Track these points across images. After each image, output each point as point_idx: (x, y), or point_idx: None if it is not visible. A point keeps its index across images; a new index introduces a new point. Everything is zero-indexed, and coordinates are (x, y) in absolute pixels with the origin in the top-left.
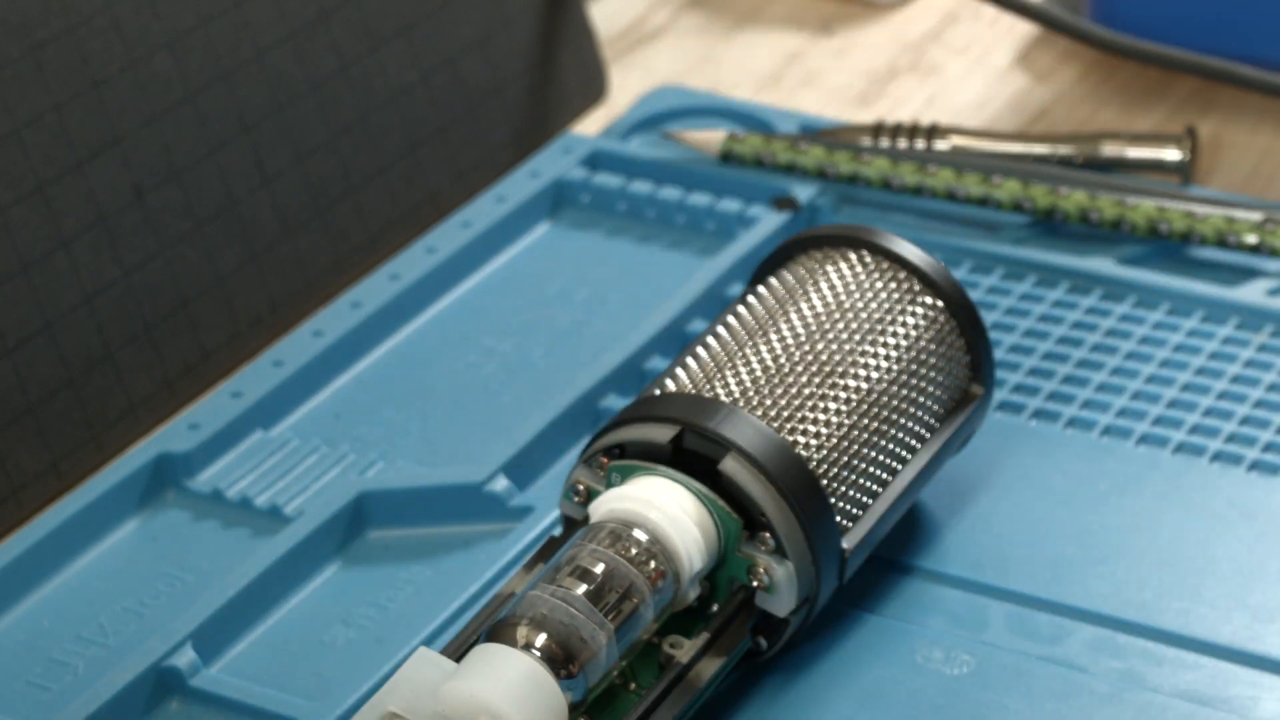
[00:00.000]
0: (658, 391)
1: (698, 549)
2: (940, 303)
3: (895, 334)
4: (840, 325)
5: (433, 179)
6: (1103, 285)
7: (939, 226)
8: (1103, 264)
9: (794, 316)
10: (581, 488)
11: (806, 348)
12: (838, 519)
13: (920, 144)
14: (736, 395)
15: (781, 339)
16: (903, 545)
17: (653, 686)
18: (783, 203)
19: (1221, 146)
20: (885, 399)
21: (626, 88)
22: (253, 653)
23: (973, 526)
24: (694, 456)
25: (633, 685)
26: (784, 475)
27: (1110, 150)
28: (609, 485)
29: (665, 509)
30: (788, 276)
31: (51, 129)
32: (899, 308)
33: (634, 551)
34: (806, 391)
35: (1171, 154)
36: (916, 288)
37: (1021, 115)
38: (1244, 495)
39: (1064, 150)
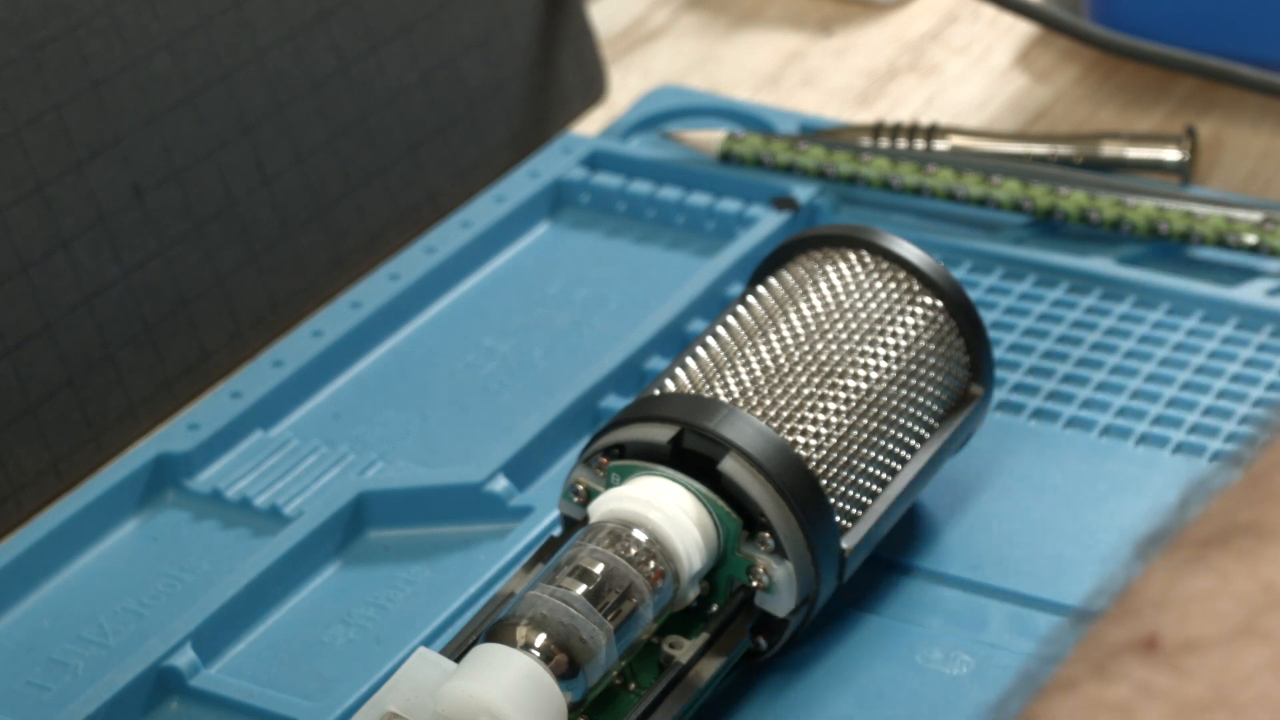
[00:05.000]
0: (657, 391)
1: (697, 549)
2: (940, 303)
3: (895, 334)
4: (840, 325)
5: (433, 179)
6: (1102, 285)
7: (939, 226)
8: (1102, 264)
9: (794, 316)
10: (581, 488)
11: (806, 348)
12: (837, 519)
13: (920, 144)
14: (736, 395)
15: (781, 339)
16: (903, 545)
17: (652, 686)
18: (782, 203)
19: (1221, 146)
20: (885, 399)
21: (626, 88)
22: (253, 653)
23: (972, 526)
24: (694, 456)
25: (632, 685)
26: (784, 475)
27: (1110, 150)
28: (608, 485)
29: (665, 509)
30: (787, 276)
31: (51, 129)
32: (899, 308)
33: (633, 552)
34: (806, 391)
35: (1171, 154)
36: (916, 288)
37: (1021, 115)
38: None
39: (1064, 150)
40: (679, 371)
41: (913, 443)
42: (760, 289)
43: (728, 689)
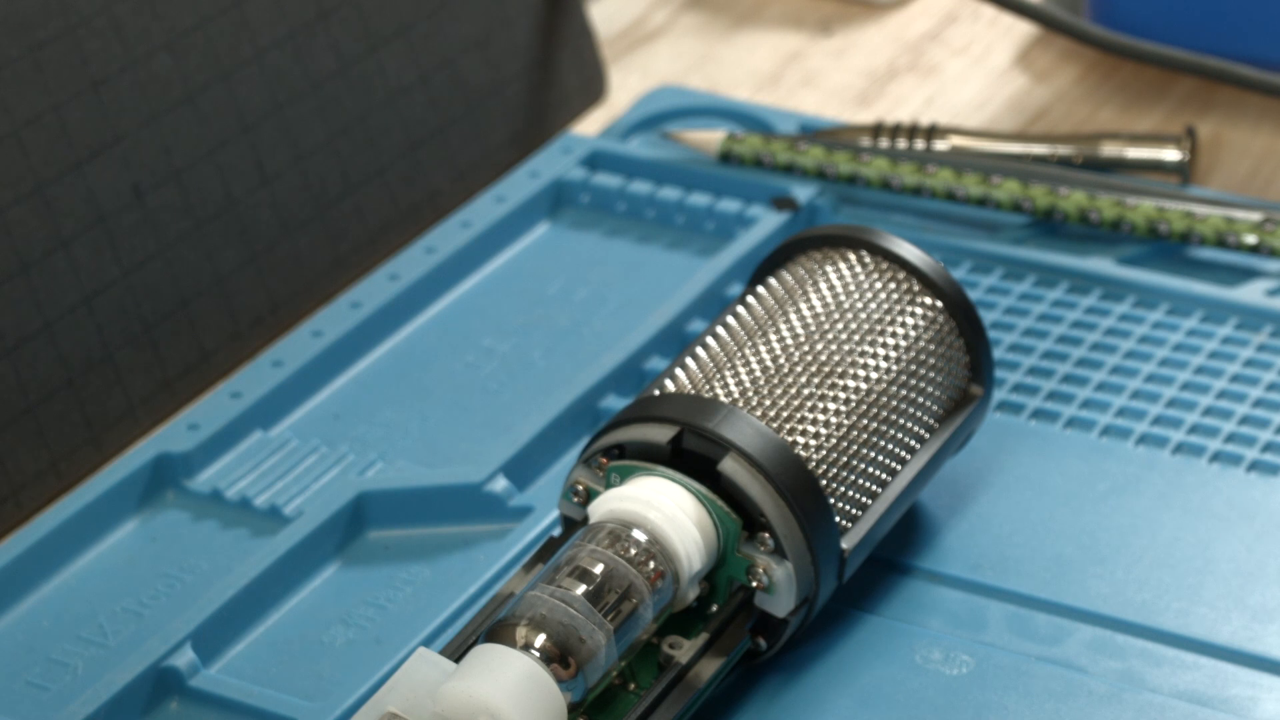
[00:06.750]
0: (657, 391)
1: (697, 549)
2: (939, 303)
3: (895, 334)
4: (840, 325)
5: (433, 179)
6: (1102, 285)
7: (939, 226)
8: (1102, 264)
9: (793, 317)
10: (581, 488)
11: (806, 348)
12: (837, 519)
13: (920, 144)
14: (736, 395)
15: (781, 339)
16: (902, 545)
17: (652, 687)
18: (782, 203)
19: (1221, 146)
20: (885, 399)
21: (626, 88)
22: (252, 653)
23: (972, 526)
24: (693, 457)
25: (632, 685)
26: (783, 475)
27: (1110, 150)
28: (608, 485)
29: (664, 509)
30: (787, 277)
31: (51, 129)
32: (898, 308)
33: (633, 552)
34: (806, 392)
35: (1171, 154)
36: (916, 288)
37: (1021, 115)
38: (1243, 495)
39: (1063, 150)
40: (679, 371)
41: (913, 443)
42: (760, 289)
43: (728, 689)
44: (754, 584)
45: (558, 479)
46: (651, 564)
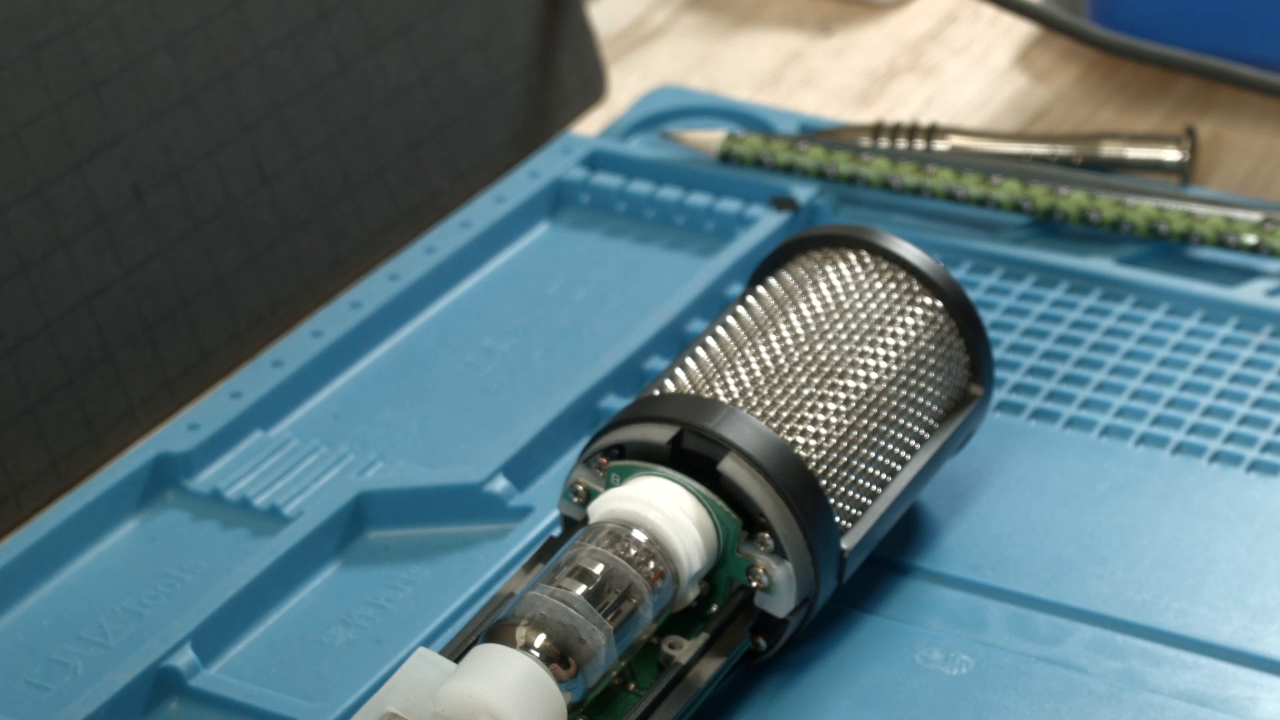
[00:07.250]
0: (657, 392)
1: (697, 549)
2: (939, 303)
3: (894, 334)
4: (840, 326)
5: (432, 179)
6: (1102, 285)
7: (939, 226)
8: (1102, 264)
9: (793, 317)
10: (581, 488)
11: (806, 348)
12: (837, 519)
13: (920, 144)
14: (736, 395)
15: (781, 339)
16: (902, 545)
17: (652, 687)
18: (782, 203)
19: (1221, 146)
20: (885, 399)
21: (626, 88)
22: (252, 653)
23: (972, 526)
24: (693, 457)
25: (632, 685)
26: (783, 475)
27: (1110, 150)
28: (608, 485)
29: (664, 509)
30: (787, 277)
31: (51, 129)
32: (898, 308)
33: (633, 552)
34: (806, 392)
35: (1171, 154)
36: (916, 288)
37: (1021, 115)
38: (1243, 495)
39: (1063, 150)
40: (679, 371)
41: (913, 443)
42: (760, 289)
43: (728, 689)
44: (754, 584)
45: (558, 479)
46: (651, 564)
